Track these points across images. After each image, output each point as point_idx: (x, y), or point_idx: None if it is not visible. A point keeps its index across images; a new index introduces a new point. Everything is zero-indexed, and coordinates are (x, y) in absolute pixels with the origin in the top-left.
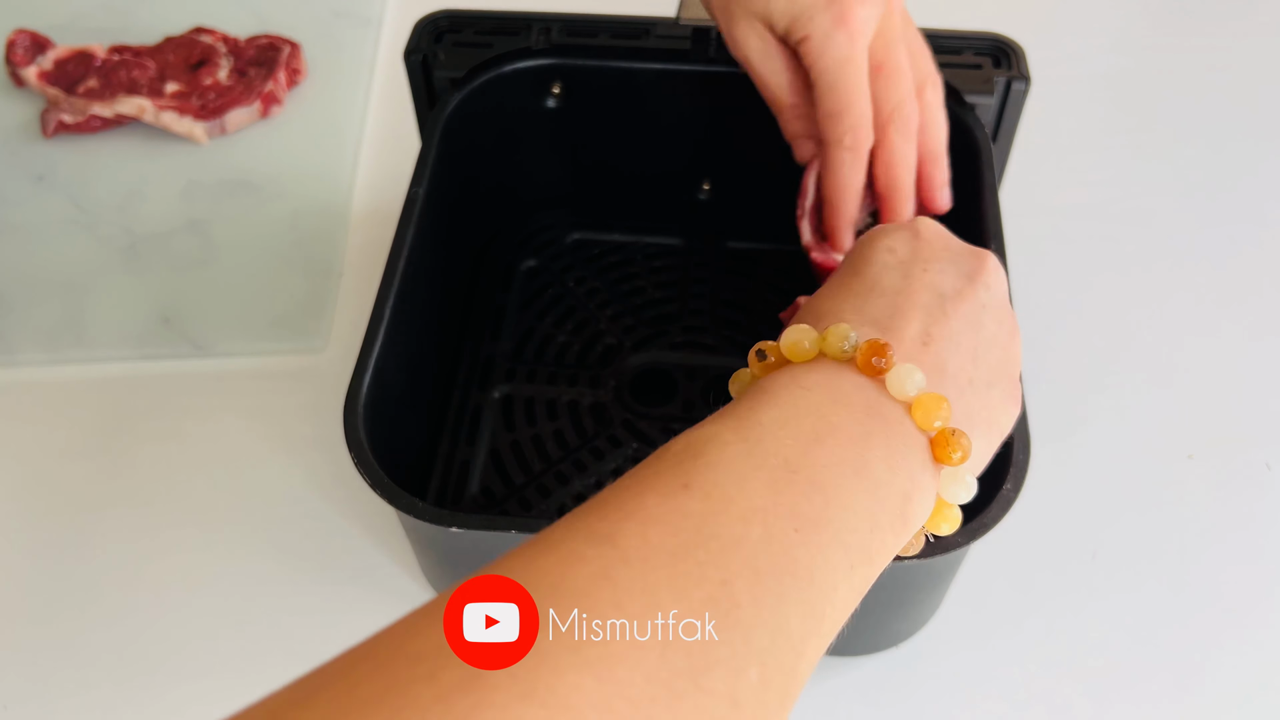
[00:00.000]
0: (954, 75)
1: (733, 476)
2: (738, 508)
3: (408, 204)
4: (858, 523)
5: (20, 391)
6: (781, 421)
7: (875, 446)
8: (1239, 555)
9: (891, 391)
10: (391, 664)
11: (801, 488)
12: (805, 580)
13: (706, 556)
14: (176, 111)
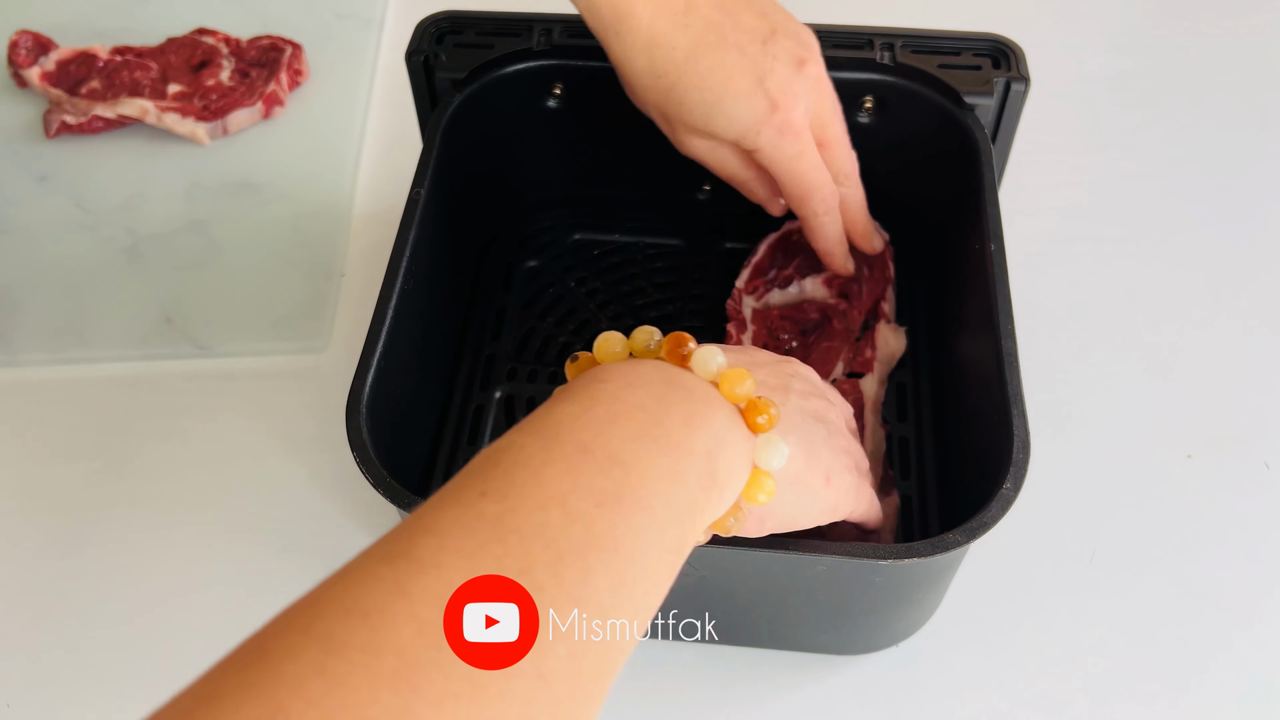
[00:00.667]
0: (953, 76)
1: (529, 473)
2: (535, 499)
3: (409, 204)
4: (660, 486)
5: (22, 391)
6: (576, 414)
7: (674, 413)
8: (1238, 554)
9: (697, 371)
10: None
11: (599, 464)
12: (610, 551)
13: (504, 551)
14: (179, 113)
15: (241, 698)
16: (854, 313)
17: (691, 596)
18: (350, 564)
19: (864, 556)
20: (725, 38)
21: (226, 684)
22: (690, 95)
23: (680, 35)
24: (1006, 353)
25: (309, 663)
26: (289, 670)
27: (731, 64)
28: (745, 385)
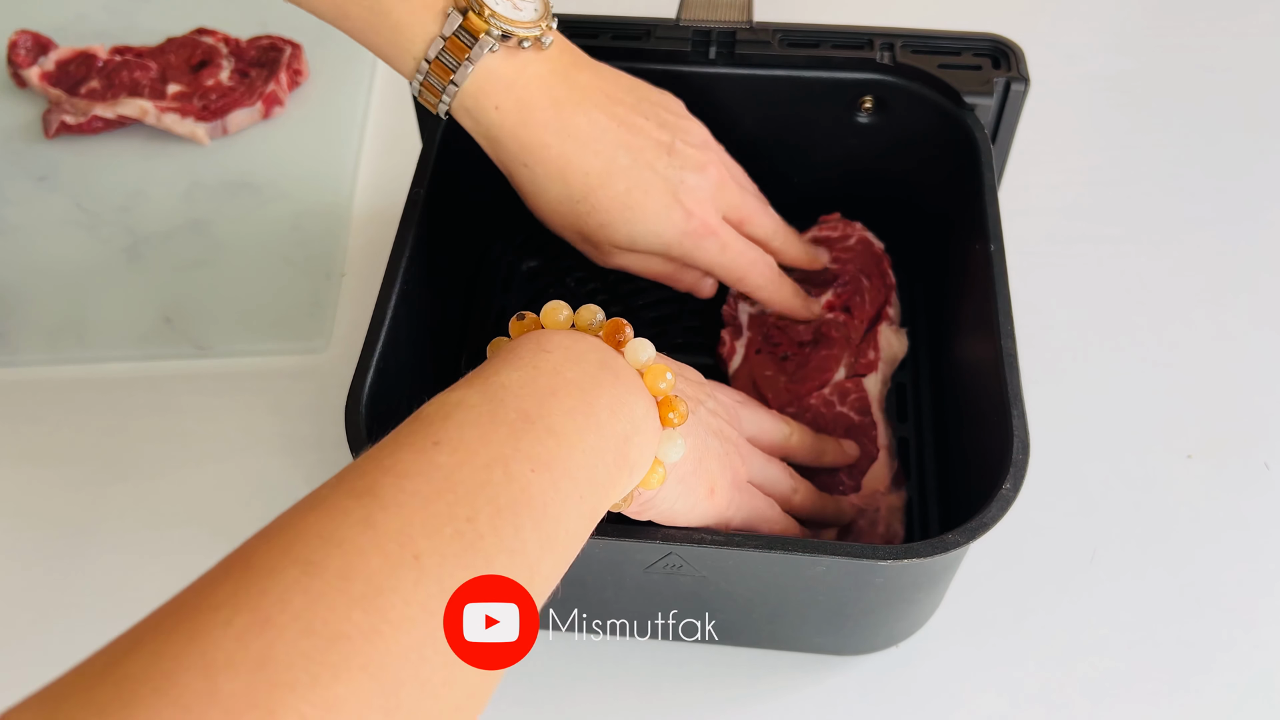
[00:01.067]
0: (953, 76)
1: (477, 431)
2: (481, 458)
3: (409, 204)
4: (584, 459)
5: (22, 391)
6: (522, 381)
7: (603, 395)
8: (1238, 555)
9: (628, 359)
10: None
11: (538, 434)
12: (540, 511)
13: (455, 499)
14: (178, 113)
15: (235, 607)
16: (856, 322)
17: (691, 596)
18: (319, 493)
19: (864, 557)
20: (636, 157)
21: (218, 595)
22: (611, 217)
23: (592, 160)
24: (1006, 353)
25: (291, 581)
26: (274, 587)
27: (646, 183)
28: (665, 381)
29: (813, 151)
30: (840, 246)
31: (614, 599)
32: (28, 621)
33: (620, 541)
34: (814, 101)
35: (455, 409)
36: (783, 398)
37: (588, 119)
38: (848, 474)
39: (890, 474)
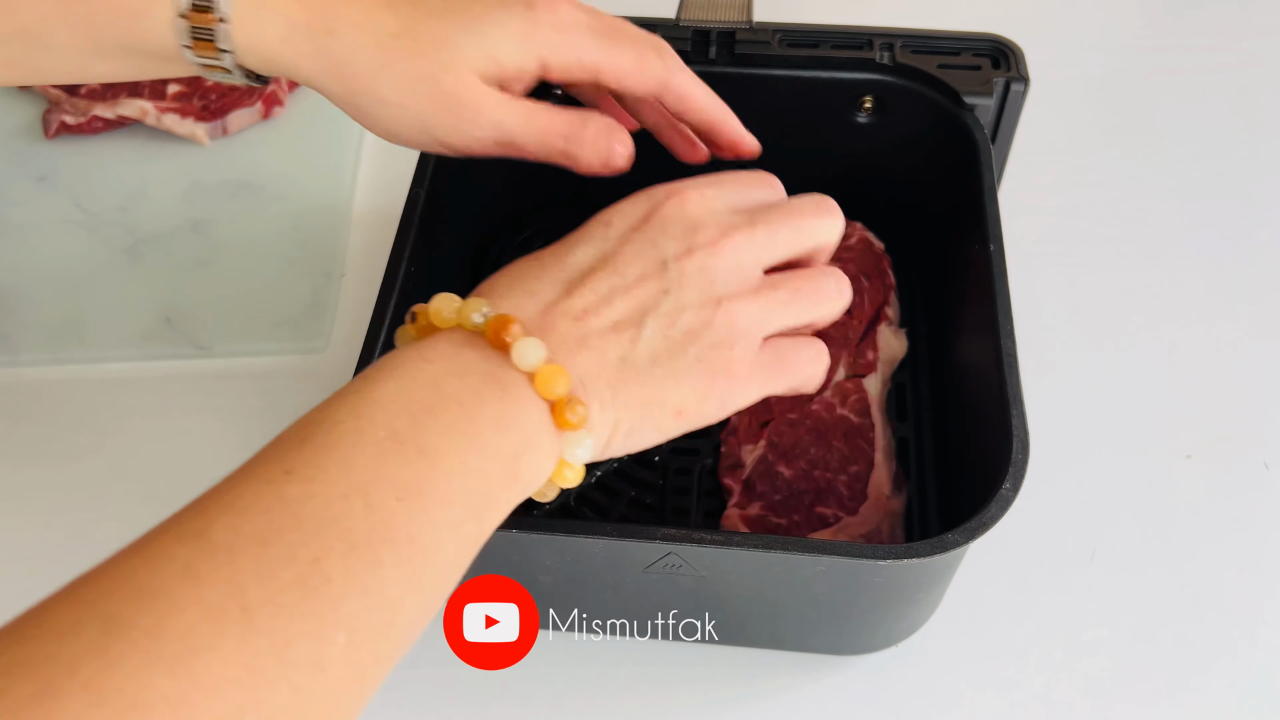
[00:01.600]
0: (953, 76)
1: (338, 456)
2: (340, 486)
3: (409, 205)
4: (464, 483)
5: (22, 391)
6: (395, 395)
7: (487, 411)
8: (1238, 555)
9: (515, 363)
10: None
11: (408, 456)
12: (404, 544)
13: (300, 538)
14: (178, 113)
15: (17, 675)
16: (854, 322)
17: (691, 596)
18: (146, 537)
19: (864, 556)
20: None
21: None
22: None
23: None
24: (1006, 353)
25: (88, 642)
26: (67, 650)
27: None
28: (557, 386)
29: (812, 151)
30: (840, 246)
31: (614, 599)
32: None
33: (620, 541)
34: (814, 102)
35: (316, 429)
36: (784, 402)
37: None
38: (848, 481)
39: (890, 475)
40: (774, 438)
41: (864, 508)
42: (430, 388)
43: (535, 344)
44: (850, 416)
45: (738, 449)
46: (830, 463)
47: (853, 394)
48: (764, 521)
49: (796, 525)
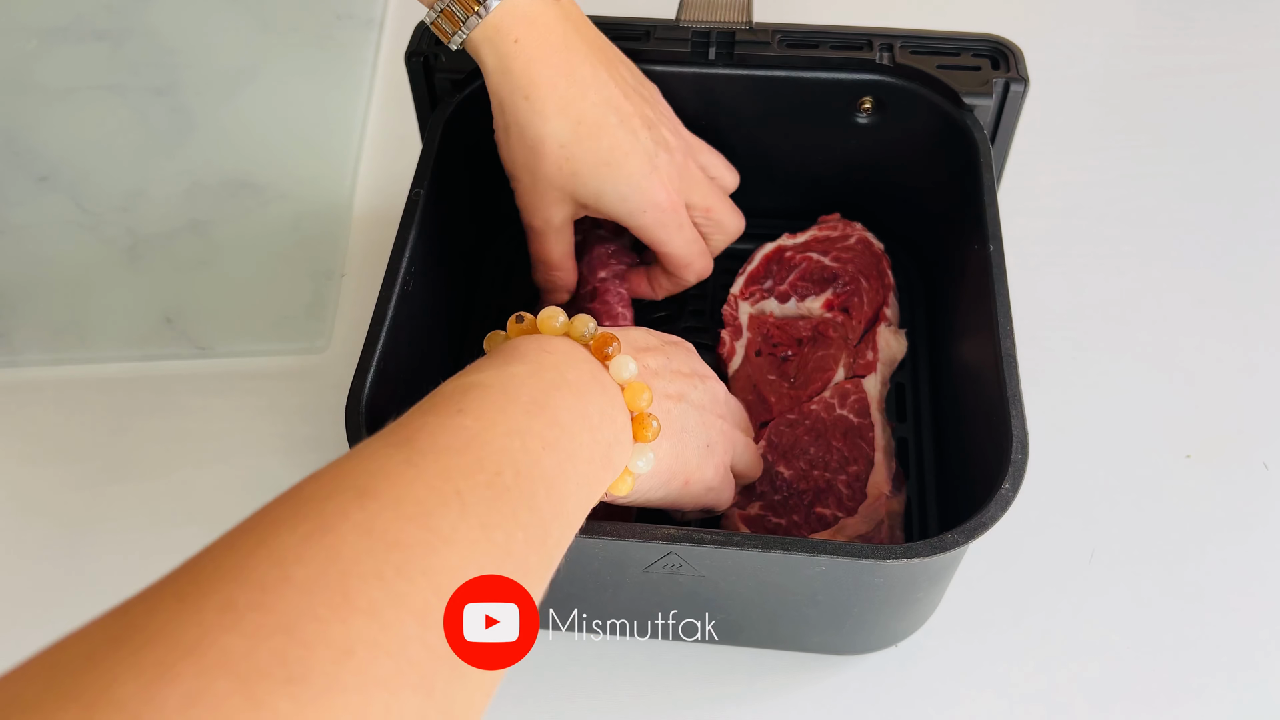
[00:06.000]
0: (952, 77)
1: (496, 407)
2: (501, 428)
3: (409, 205)
4: (581, 451)
5: (23, 391)
6: (529, 373)
7: (594, 403)
8: (1237, 554)
9: (612, 373)
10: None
11: (547, 420)
12: (550, 482)
13: (483, 454)
14: None
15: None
16: (854, 323)
17: (691, 596)
18: (356, 448)
19: (864, 556)
20: (624, 121)
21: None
22: (586, 168)
23: (588, 109)
24: (1005, 353)
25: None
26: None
27: (631, 146)
28: (642, 400)
29: (812, 152)
30: (840, 247)
31: (614, 599)
32: (28, 621)
33: (620, 541)
34: (813, 102)
35: (472, 388)
36: (784, 402)
37: (593, 71)
38: (848, 481)
39: (889, 475)
40: (773, 438)
41: (863, 508)
42: (555, 371)
43: (630, 361)
44: (849, 416)
45: None
46: (830, 463)
47: (852, 394)
48: (763, 521)
49: (796, 525)
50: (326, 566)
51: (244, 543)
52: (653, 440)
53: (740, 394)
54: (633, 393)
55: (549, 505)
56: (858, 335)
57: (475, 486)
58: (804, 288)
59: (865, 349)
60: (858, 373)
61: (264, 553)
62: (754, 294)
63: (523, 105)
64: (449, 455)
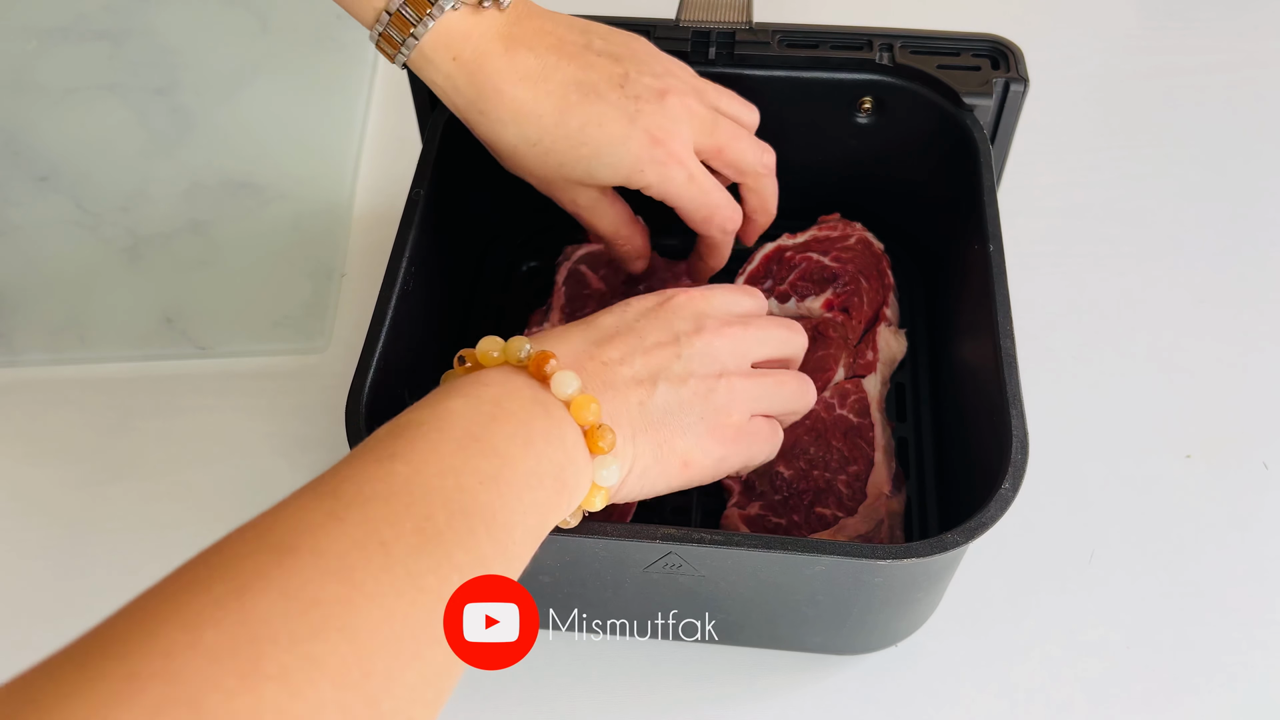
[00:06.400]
0: (952, 77)
1: (429, 446)
2: (433, 467)
3: (409, 205)
4: (526, 480)
5: (23, 391)
6: (464, 408)
7: (537, 426)
8: (1237, 554)
9: (554, 391)
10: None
11: (484, 452)
12: (490, 518)
13: (412, 500)
14: None
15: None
16: (854, 323)
17: (691, 596)
18: (283, 501)
19: (863, 556)
20: (587, 92)
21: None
22: (568, 155)
23: (544, 101)
24: (1005, 353)
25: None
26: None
27: (601, 114)
28: (589, 414)
29: (812, 152)
30: (840, 246)
31: (614, 599)
32: (28, 621)
33: (620, 541)
34: (813, 102)
35: (405, 428)
36: None
37: (538, 59)
38: (848, 481)
39: (890, 475)
40: None
41: (863, 507)
42: (492, 404)
43: (571, 376)
44: (850, 416)
45: None
46: (830, 463)
47: (852, 394)
48: (764, 521)
49: (796, 525)
50: (238, 631)
51: (156, 606)
52: (610, 452)
53: None
54: (578, 408)
55: (489, 542)
56: (858, 335)
57: (402, 534)
58: (804, 288)
59: (865, 349)
60: (858, 373)
61: (176, 618)
62: None
63: (480, 120)
64: (376, 503)
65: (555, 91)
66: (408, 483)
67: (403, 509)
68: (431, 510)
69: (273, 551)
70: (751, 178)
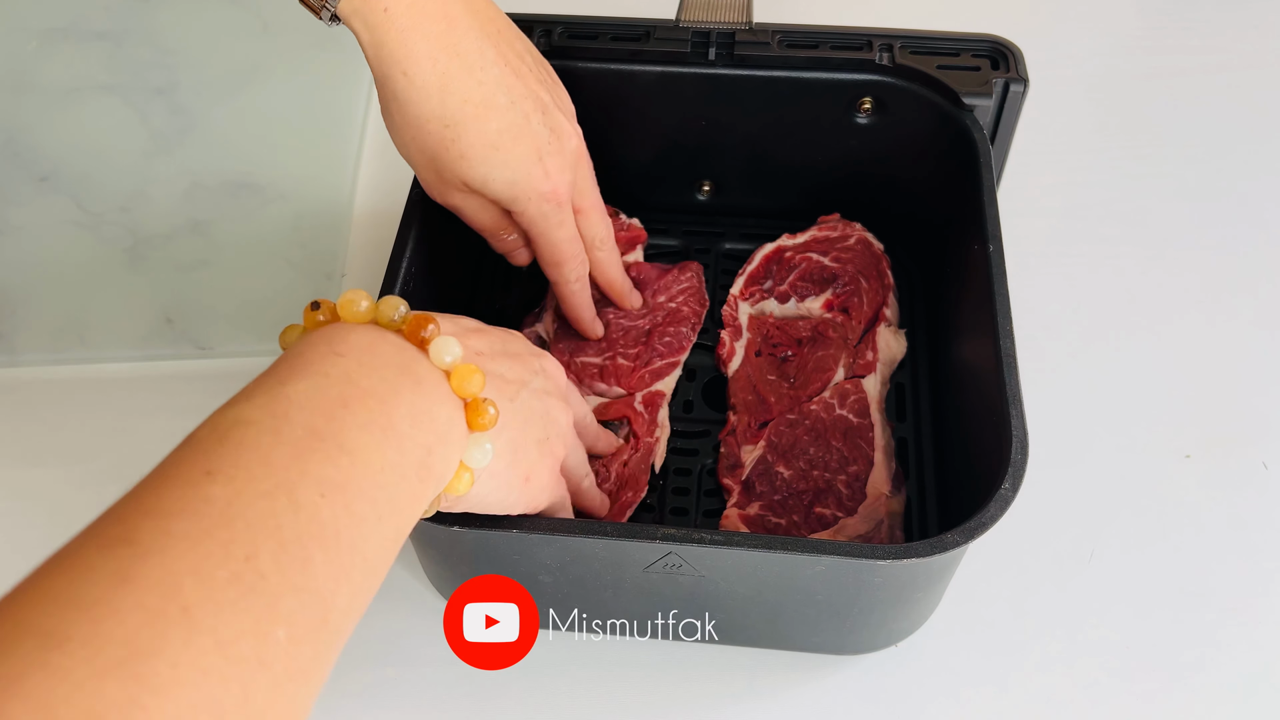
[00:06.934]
0: (952, 77)
1: (258, 455)
2: (263, 485)
3: (409, 205)
4: (384, 478)
5: (23, 391)
6: (309, 392)
7: (402, 404)
8: (1236, 554)
9: (433, 358)
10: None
11: (329, 453)
12: (331, 540)
13: (229, 536)
14: None
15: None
16: (854, 323)
17: (691, 596)
18: (65, 550)
19: (863, 556)
20: (515, 102)
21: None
22: (474, 151)
23: (474, 89)
24: (1005, 353)
25: (27, 658)
26: (5, 668)
27: (519, 130)
28: (473, 383)
29: (812, 152)
30: (840, 247)
31: (614, 599)
32: None
33: (619, 541)
34: (813, 102)
35: (232, 429)
36: (784, 402)
37: (478, 47)
38: (847, 481)
39: (889, 475)
40: (773, 438)
41: (863, 507)
42: (345, 382)
43: (453, 342)
44: (849, 417)
45: (737, 449)
46: (829, 463)
47: (852, 394)
48: (763, 521)
49: (795, 525)
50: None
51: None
52: (491, 428)
53: (740, 394)
54: (461, 376)
55: (328, 570)
56: (857, 335)
57: (212, 590)
58: (804, 288)
59: (865, 349)
60: (857, 373)
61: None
62: (754, 294)
63: (400, 81)
64: (180, 551)
65: (486, 84)
66: (225, 511)
67: (217, 551)
68: (254, 546)
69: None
70: (596, 247)
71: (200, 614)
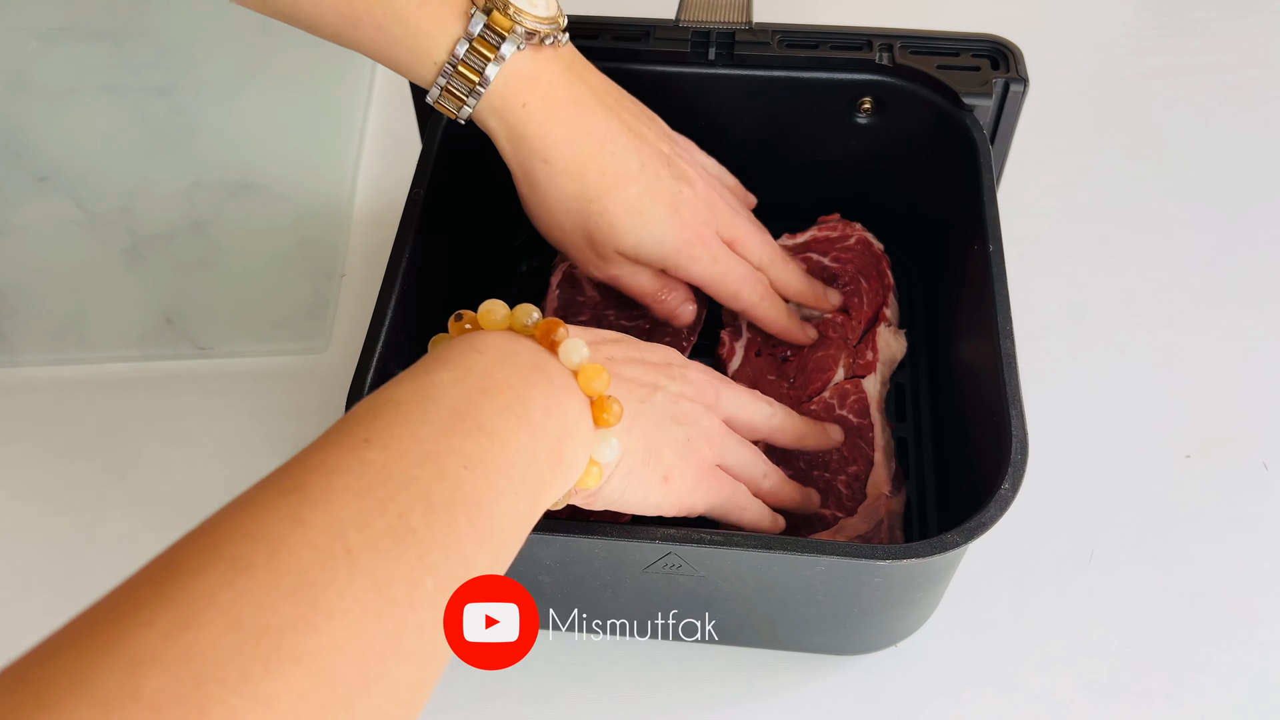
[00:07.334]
0: (952, 77)
1: (408, 429)
2: (412, 454)
3: (409, 205)
4: (519, 458)
5: (23, 391)
6: (452, 380)
7: (536, 397)
8: (1236, 554)
9: (561, 359)
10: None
11: (470, 431)
12: (473, 507)
13: (385, 494)
14: None
15: (158, 607)
16: (854, 323)
17: (691, 596)
18: (244, 495)
19: (863, 557)
20: (644, 164)
21: (142, 595)
22: (620, 220)
23: (608, 161)
24: (1005, 353)
25: (216, 579)
26: (198, 585)
27: (654, 190)
28: (598, 382)
29: (812, 152)
30: (839, 247)
31: (614, 599)
32: (28, 622)
33: (619, 541)
34: (813, 102)
35: (385, 407)
36: (784, 402)
37: (604, 122)
38: (847, 481)
39: (889, 475)
40: None
41: (863, 508)
42: (484, 375)
43: (580, 344)
44: (849, 417)
45: None
46: (829, 463)
47: (852, 394)
48: None
49: (795, 525)
50: (182, 673)
51: (96, 640)
52: (615, 424)
53: None
54: (587, 376)
55: (471, 534)
56: (857, 335)
57: (371, 538)
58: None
59: (865, 349)
60: (857, 373)
61: (115, 658)
62: None
63: (542, 169)
64: (344, 501)
65: (618, 154)
66: (382, 473)
67: (374, 506)
68: (407, 505)
69: (226, 567)
70: (767, 268)
71: (361, 556)
